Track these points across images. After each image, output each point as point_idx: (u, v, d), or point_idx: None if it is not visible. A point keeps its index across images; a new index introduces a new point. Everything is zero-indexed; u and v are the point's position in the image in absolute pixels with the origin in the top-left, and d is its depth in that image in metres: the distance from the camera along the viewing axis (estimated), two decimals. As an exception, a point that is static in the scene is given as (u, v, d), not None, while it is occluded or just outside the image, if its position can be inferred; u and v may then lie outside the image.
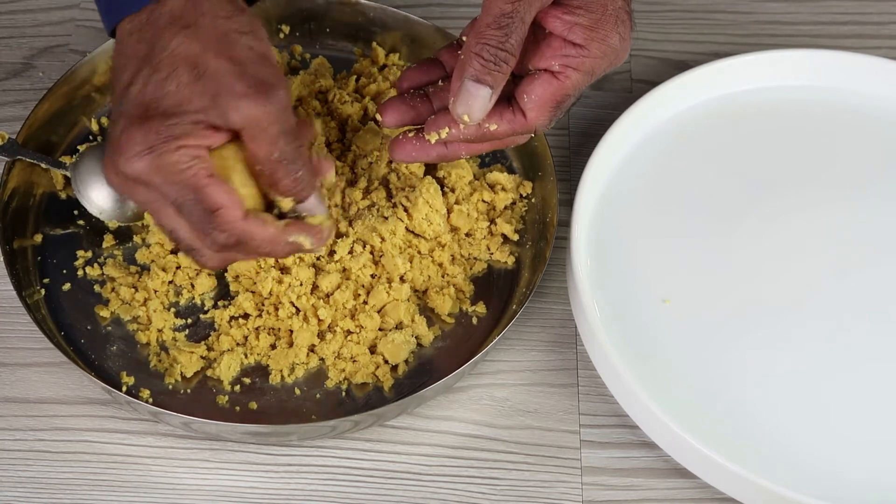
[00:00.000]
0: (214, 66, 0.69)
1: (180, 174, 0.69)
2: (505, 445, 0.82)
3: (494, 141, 0.79)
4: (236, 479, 0.80)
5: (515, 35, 0.72)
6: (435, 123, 0.77)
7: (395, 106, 0.80)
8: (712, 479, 0.77)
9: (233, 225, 0.70)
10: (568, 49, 0.75)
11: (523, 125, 0.77)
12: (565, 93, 0.76)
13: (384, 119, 0.80)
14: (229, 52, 0.69)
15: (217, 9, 0.70)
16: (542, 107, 0.76)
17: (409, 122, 0.80)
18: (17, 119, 0.93)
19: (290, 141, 0.70)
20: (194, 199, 0.69)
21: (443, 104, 0.79)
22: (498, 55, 0.73)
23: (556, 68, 0.75)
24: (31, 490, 0.80)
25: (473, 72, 0.73)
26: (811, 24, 1.05)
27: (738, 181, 0.90)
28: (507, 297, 0.87)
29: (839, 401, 0.80)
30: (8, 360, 0.85)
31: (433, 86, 0.80)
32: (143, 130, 0.68)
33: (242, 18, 0.71)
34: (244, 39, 0.70)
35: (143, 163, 0.68)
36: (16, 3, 1.03)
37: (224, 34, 0.70)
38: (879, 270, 0.86)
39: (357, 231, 0.85)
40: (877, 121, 0.94)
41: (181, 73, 0.68)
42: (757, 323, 0.83)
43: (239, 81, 0.68)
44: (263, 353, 0.83)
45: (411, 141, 0.79)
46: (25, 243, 0.87)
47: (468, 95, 0.74)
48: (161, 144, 0.68)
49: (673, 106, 0.93)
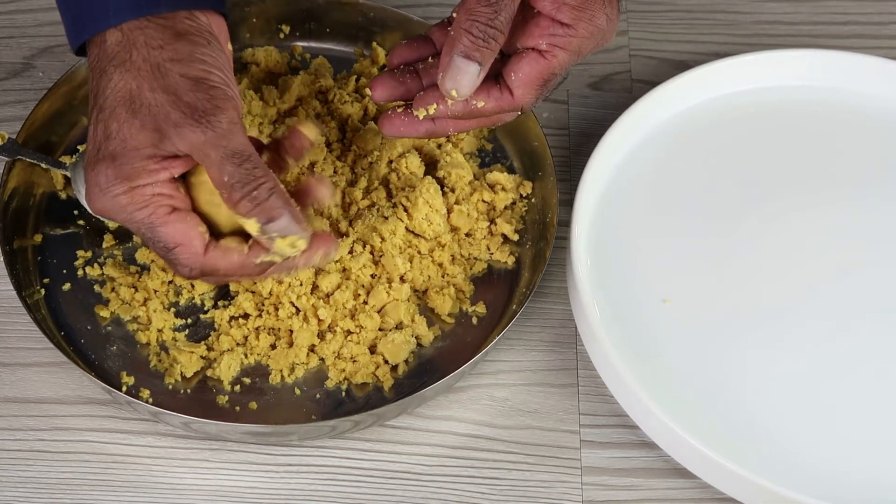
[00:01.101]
0: (150, 99, 0.70)
1: (134, 215, 0.71)
2: (505, 445, 0.82)
3: (481, 118, 0.79)
4: (236, 479, 0.80)
5: (505, 12, 0.73)
6: (423, 99, 0.78)
7: (384, 81, 0.80)
8: (712, 479, 0.77)
9: (192, 261, 0.72)
10: (555, 28, 0.76)
11: (510, 103, 0.77)
12: (552, 71, 0.77)
13: (374, 93, 0.81)
14: (163, 83, 0.70)
15: (150, 40, 0.71)
16: (529, 85, 0.77)
17: (399, 97, 0.81)
18: (17, 119, 0.93)
19: (237, 164, 0.70)
20: (151, 239, 0.72)
21: (432, 80, 0.80)
22: (487, 32, 0.73)
23: (544, 47, 0.76)
24: (31, 490, 0.80)
25: (463, 48, 0.74)
26: (811, 24, 1.05)
27: (738, 181, 0.90)
28: (507, 297, 0.87)
29: (839, 400, 0.80)
30: (8, 360, 0.85)
31: (423, 62, 0.81)
32: (96, 172, 0.70)
33: (178, 45, 0.71)
34: (176, 67, 0.70)
35: (101, 203, 0.71)
36: (16, 3, 1.03)
37: (156, 66, 0.70)
38: (879, 270, 0.86)
39: (357, 231, 0.85)
40: (877, 121, 0.94)
41: (119, 112, 0.70)
42: (757, 323, 0.83)
43: (174, 111, 0.69)
44: (263, 353, 0.83)
45: (400, 116, 0.80)
46: (25, 243, 0.87)
47: (457, 71, 0.74)
48: (112, 186, 0.70)
49: (673, 106, 0.93)
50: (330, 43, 0.98)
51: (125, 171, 0.70)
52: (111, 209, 0.71)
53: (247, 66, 0.96)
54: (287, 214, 0.71)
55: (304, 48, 0.98)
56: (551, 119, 0.98)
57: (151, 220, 0.71)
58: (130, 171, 0.70)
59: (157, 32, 0.71)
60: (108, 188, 0.70)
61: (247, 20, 0.97)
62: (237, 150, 0.70)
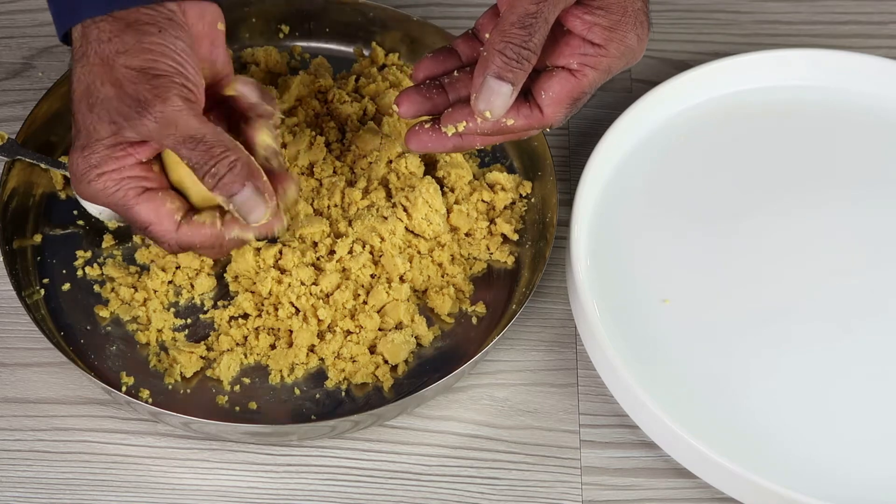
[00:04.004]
0: (101, 92, 0.73)
1: (108, 198, 0.75)
2: (505, 445, 0.82)
3: (508, 134, 0.79)
4: (236, 479, 0.80)
5: (539, 34, 0.73)
6: (452, 116, 0.78)
7: (411, 97, 0.80)
8: (712, 479, 0.77)
9: (166, 237, 0.76)
10: (586, 48, 0.76)
11: (539, 121, 0.78)
12: (582, 90, 0.77)
13: (401, 109, 0.80)
14: (111, 76, 0.72)
15: (102, 33, 0.73)
16: (560, 103, 0.77)
17: (426, 112, 0.80)
18: (16, 119, 0.93)
19: (191, 147, 0.72)
20: (128, 219, 0.76)
21: (458, 95, 0.80)
22: (521, 53, 0.73)
23: (574, 66, 0.76)
24: (31, 490, 0.80)
25: (496, 69, 0.74)
26: (811, 24, 1.05)
27: (737, 181, 0.90)
28: (507, 297, 0.87)
29: (839, 400, 0.80)
30: (8, 360, 0.85)
31: (448, 76, 0.80)
32: (72, 161, 0.75)
33: (125, 37, 0.73)
34: (121, 59, 0.72)
35: (80, 189, 0.75)
36: (16, 3, 1.03)
37: (105, 59, 0.73)
38: (879, 270, 0.86)
39: (357, 231, 0.85)
40: (877, 121, 0.94)
41: (81, 106, 0.74)
42: (757, 323, 0.83)
43: (121, 104, 0.72)
44: (263, 354, 0.83)
45: (427, 132, 0.80)
46: (25, 243, 0.87)
47: (490, 92, 0.74)
48: (86, 174, 0.74)
49: (673, 106, 0.93)
50: (329, 43, 0.98)
51: (94, 159, 0.74)
52: (91, 195, 0.75)
53: (246, 66, 0.96)
54: (249, 186, 0.73)
55: (303, 48, 0.98)
56: (551, 119, 0.98)
57: (124, 202, 0.75)
58: (98, 160, 0.74)
59: (109, 25, 0.73)
60: (83, 176, 0.74)
61: (246, 20, 0.97)
62: (188, 136, 0.72)
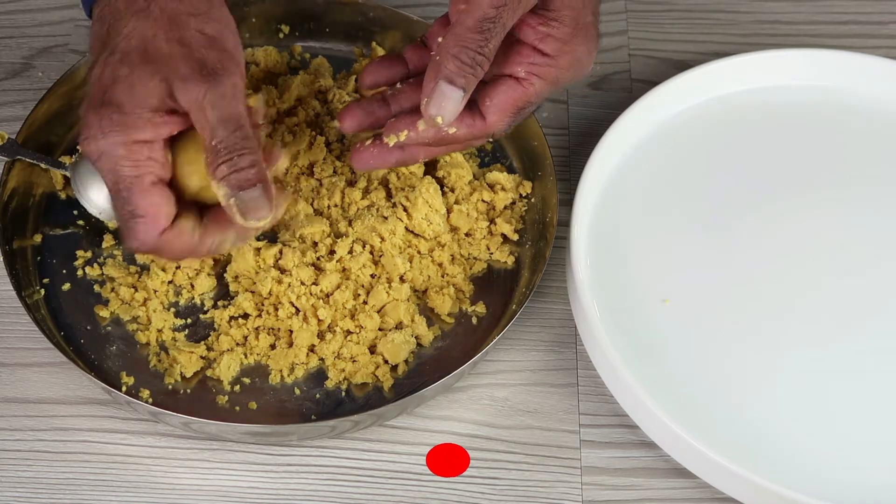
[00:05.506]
0: (164, 48, 0.70)
1: (122, 169, 0.71)
2: (505, 445, 0.82)
3: (451, 144, 0.79)
4: (236, 479, 0.80)
5: (495, 40, 0.73)
6: (394, 126, 0.77)
7: (353, 112, 0.80)
8: (712, 479, 0.77)
9: (148, 236, 0.72)
10: (536, 57, 0.76)
11: (482, 129, 0.77)
12: (528, 99, 0.77)
13: (342, 124, 0.80)
14: (178, 35, 0.70)
15: None
16: (504, 112, 0.77)
17: (368, 126, 0.80)
18: (16, 119, 0.93)
19: (230, 129, 0.70)
20: (123, 199, 0.71)
21: (401, 108, 0.80)
22: (475, 59, 0.73)
23: (522, 74, 0.76)
24: (31, 490, 0.80)
25: (449, 73, 0.73)
26: (811, 24, 1.05)
27: (737, 181, 0.90)
28: (507, 297, 0.87)
29: (839, 400, 0.80)
30: (8, 360, 0.85)
31: (392, 89, 0.81)
32: (99, 115, 0.70)
33: (196, 1, 0.71)
34: (194, 22, 0.71)
35: (96, 146, 0.71)
36: (16, 3, 1.03)
37: (174, 17, 0.71)
38: (879, 270, 0.86)
39: (357, 231, 0.85)
40: (877, 121, 0.94)
41: (132, 57, 0.70)
42: (757, 323, 0.83)
43: (184, 64, 0.70)
44: (263, 353, 0.83)
45: (369, 149, 0.80)
46: (25, 243, 0.87)
47: (442, 97, 0.73)
48: (113, 133, 0.70)
49: (673, 106, 0.93)
50: (329, 43, 0.98)
51: (129, 120, 0.70)
52: (103, 154, 0.71)
53: (246, 66, 0.96)
54: (260, 187, 0.71)
55: (303, 48, 0.98)
56: (551, 119, 0.98)
57: (133, 184, 0.71)
58: (135, 121, 0.70)
59: None
60: (109, 133, 0.70)
61: (246, 20, 0.97)
62: (232, 116, 0.70)
